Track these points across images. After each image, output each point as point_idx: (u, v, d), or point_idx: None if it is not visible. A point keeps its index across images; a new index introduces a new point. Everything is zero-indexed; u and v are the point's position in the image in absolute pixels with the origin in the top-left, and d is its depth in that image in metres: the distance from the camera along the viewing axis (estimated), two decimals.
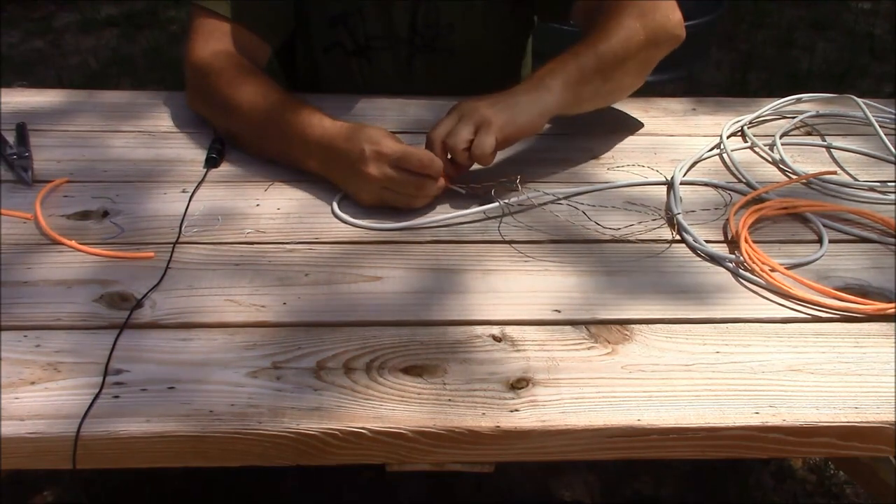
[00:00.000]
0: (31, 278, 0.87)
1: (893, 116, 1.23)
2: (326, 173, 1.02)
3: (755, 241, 0.94)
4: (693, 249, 0.95)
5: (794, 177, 1.09)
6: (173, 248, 0.91)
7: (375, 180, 0.96)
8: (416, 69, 1.27)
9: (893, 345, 0.82)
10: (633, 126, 1.21)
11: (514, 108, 0.99)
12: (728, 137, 1.17)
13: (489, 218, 0.99)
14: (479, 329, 0.82)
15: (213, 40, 1.14)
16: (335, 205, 1.00)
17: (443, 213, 0.99)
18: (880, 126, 1.19)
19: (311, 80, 1.31)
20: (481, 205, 1.00)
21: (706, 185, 1.07)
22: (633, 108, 1.26)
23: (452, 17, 1.24)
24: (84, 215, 0.97)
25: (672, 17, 1.10)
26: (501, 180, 1.01)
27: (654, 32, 1.08)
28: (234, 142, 1.10)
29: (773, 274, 0.89)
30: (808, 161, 1.14)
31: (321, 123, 1.01)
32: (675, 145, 1.17)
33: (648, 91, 1.25)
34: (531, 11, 1.32)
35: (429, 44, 1.25)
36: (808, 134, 1.22)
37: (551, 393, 0.75)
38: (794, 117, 1.24)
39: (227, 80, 1.09)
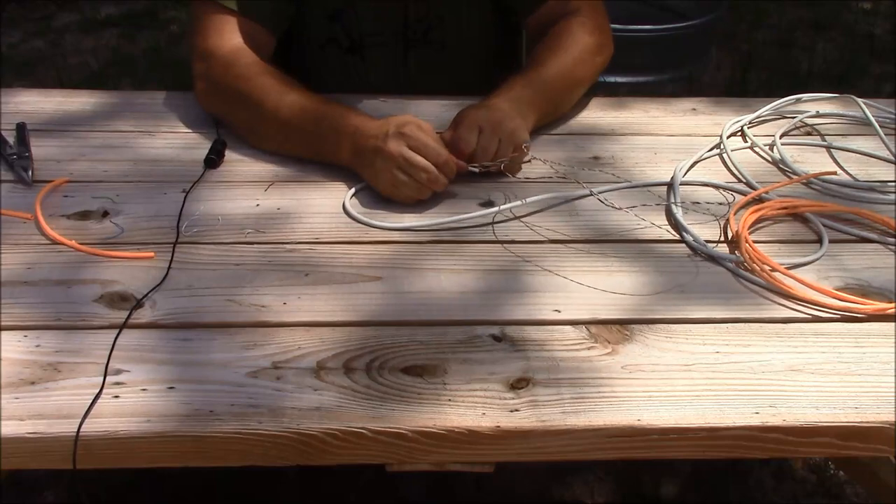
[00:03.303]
0: (31, 278, 0.87)
1: (893, 116, 1.23)
2: (354, 160, 1.03)
3: (755, 241, 0.94)
4: (693, 249, 0.95)
5: (794, 177, 1.09)
6: (174, 248, 0.91)
7: (392, 157, 0.97)
8: (411, 64, 1.28)
9: (893, 345, 0.82)
10: (634, 125, 1.21)
11: (520, 125, 1.05)
12: (728, 137, 1.17)
13: (489, 224, 0.99)
14: (479, 329, 0.82)
15: (228, 34, 1.14)
16: (346, 201, 1.00)
17: (444, 217, 1.00)
18: (880, 126, 1.19)
19: (304, 76, 1.30)
20: (482, 207, 1.00)
21: (706, 185, 1.07)
22: (633, 108, 1.26)
23: (441, 9, 1.25)
24: (84, 215, 0.97)
25: (609, 56, 1.23)
26: (513, 154, 1.02)
27: (594, 74, 1.22)
28: (251, 136, 1.11)
29: (773, 274, 0.89)
30: (808, 161, 1.14)
31: (359, 116, 1.04)
32: (675, 145, 1.17)
33: (648, 91, 1.25)
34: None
35: (421, 37, 1.26)
36: (808, 134, 1.22)
37: (551, 393, 0.75)
38: (794, 117, 1.24)
39: (252, 74, 1.10)
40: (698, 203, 1.03)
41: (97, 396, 0.72)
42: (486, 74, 1.30)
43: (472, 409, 0.73)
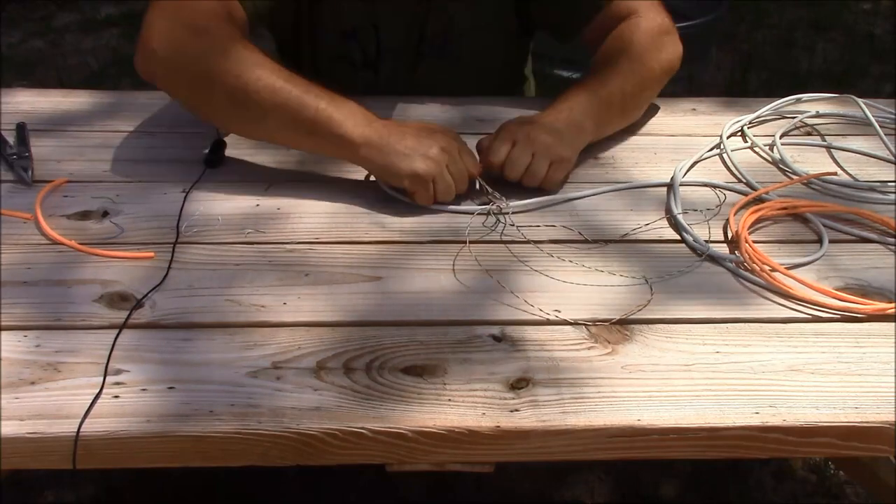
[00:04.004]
0: (31, 278, 0.87)
1: (893, 116, 1.23)
2: (369, 152, 0.97)
3: (755, 241, 0.94)
4: (693, 249, 0.95)
5: (794, 177, 1.09)
6: (174, 248, 0.91)
7: (439, 142, 0.97)
8: (420, 75, 1.26)
9: (893, 345, 0.82)
10: (633, 125, 1.21)
11: (562, 140, 1.03)
12: (728, 137, 1.17)
13: (490, 213, 0.99)
14: (479, 329, 0.82)
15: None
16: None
17: (446, 216, 1.00)
18: (880, 126, 1.19)
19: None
20: (482, 204, 1.00)
21: (706, 185, 1.07)
22: None
23: (463, 25, 1.22)
24: (84, 215, 0.97)
25: (677, 52, 1.18)
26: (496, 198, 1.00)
27: (663, 73, 1.16)
28: (228, 118, 1.02)
29: (773, 274, 0.89)
30: (808, 161, 1.14)
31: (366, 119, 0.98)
32: (675, 145, 1.17)
33: None
34: (534, 27, 1.32)
35: (437, 52, 1.24)
36: (808, 134, 1.22)
37: (551, 393, 0.75)
38: (794, 117, 1.24)
39: (243, 48, 0.98)
40: (698, 204, 1.03)
41: (97, 396, 0.72)
42: (488, 83, 1.30)
43: (472, 409, 0.73)
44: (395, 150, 0.96)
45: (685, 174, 1.08)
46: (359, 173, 1.04)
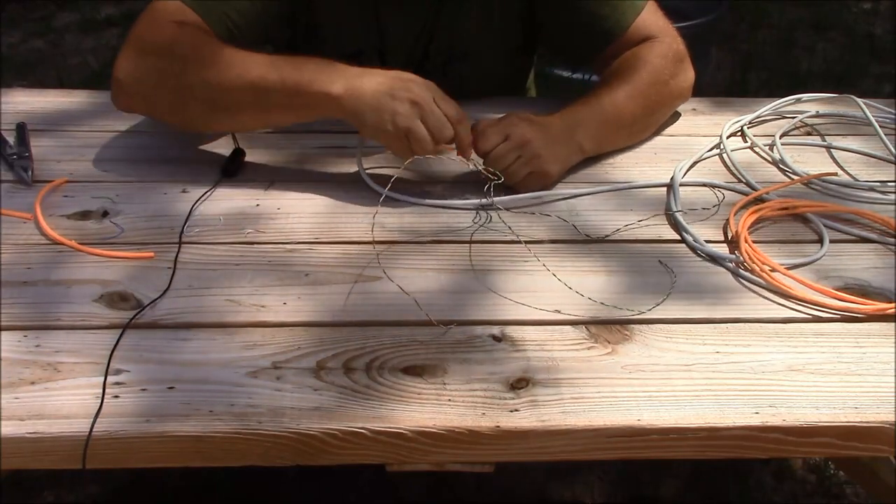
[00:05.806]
0: (31, 278, 0.87)
1: (893, 116, 1.23)
2: (356, 86, 0.97)
3: (755, 241, 0.94)
4: (693, 249, 0.95)
5: (794, 177, 1.09)
6: (177, 255, 0.91)
7: (411, 94, 0.95)
8: None
9: (893, 345, 0.82)
10: None
11: (553, 155, 1.03)
12: (728, 137, 1.17)
13: (485, 208, 0.99)
14: (479, 329, 0.82)
15: (168, 20, 1.02)
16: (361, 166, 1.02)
17: (442, 214, 1.00)
18: (880, 126, 1.19)
19: None
20: (481, 200, 1.00)
21: (706, 185, 1.07)
22: None
23: (467, 46, 1.21)
24: (84, 215, 0.97)
25: (689, 79, 1.19)
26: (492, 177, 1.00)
27: (673, 98, 1.18)
28: (208, 116, 1.02)
29: (773, 274, 0.89)
30: (808, 161, 1.14)
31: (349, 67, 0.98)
32: (675, 145, 1.17)
33: None
34: (541, 47, 1.32)
35: (440, 69, 1.22)
36: (808, 134, 1.22)
37: (551, 393, 0.75)
38: (794, 117, 1.24)
39: (205, 42, 0.99)
40: (698, 204, 1.03)
41: (103, 397, 0.72)
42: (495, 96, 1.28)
43: (472, 409, 0.73)
44: (367, 105, 0.95)
45: (685, 174, 1.08)
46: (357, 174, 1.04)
